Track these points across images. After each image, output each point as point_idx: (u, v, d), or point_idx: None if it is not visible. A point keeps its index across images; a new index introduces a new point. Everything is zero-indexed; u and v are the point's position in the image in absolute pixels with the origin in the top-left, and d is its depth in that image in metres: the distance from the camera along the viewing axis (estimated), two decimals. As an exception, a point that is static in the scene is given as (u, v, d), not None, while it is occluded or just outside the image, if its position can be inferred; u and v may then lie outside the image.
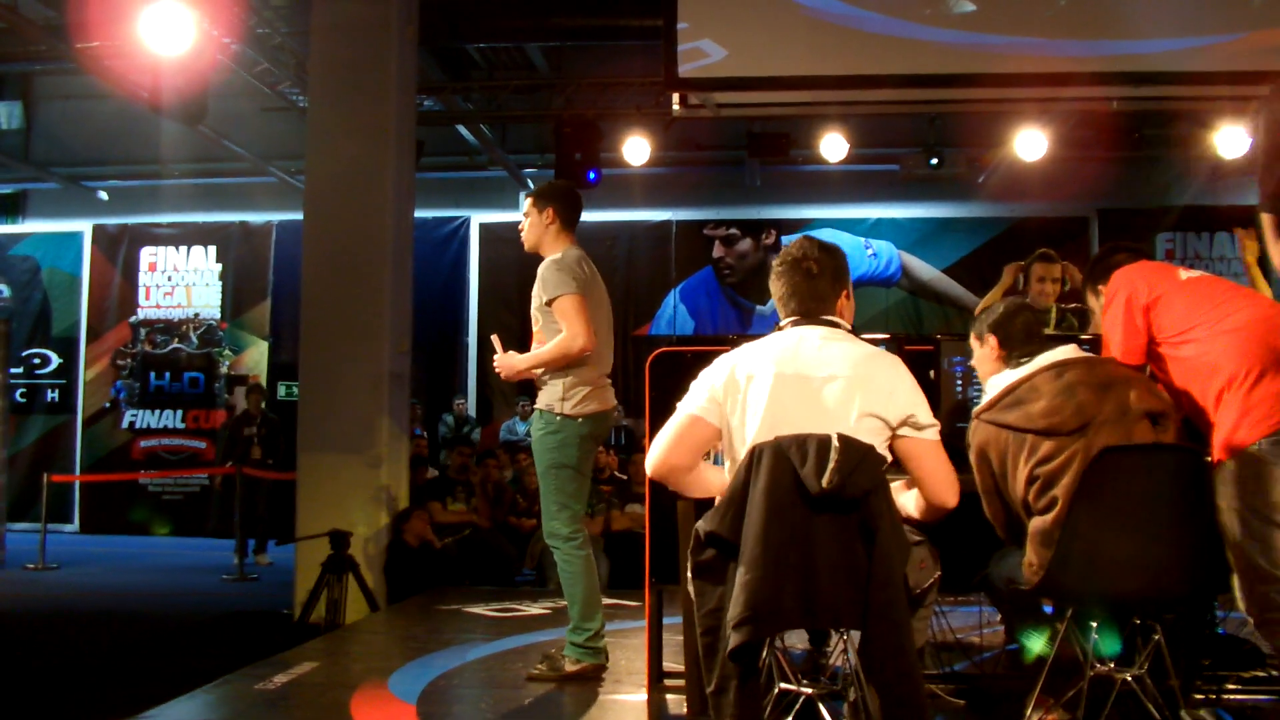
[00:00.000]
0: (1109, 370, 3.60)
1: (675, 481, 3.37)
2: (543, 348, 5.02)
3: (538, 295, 5.04)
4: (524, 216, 5.23)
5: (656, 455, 3.33)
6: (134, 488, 14.47)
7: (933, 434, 3.25)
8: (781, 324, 3.39)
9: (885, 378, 3.21)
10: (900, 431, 3.21)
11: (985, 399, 3.69)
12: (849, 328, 3.37)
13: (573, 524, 5.04)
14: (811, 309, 3.34)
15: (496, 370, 5.13)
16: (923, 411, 3.24)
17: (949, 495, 3.28)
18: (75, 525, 14.62)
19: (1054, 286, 6.29)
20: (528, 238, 5.20)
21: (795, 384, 3.18)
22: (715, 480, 3.36)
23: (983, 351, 3.85)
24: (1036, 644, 3.57)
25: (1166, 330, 3.70)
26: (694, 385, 3.34)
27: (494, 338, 5.18)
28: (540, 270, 5.05)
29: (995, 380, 3.70)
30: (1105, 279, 4.00)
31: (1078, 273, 6.18)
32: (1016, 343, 3.76)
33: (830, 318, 3.34)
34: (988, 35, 7.78)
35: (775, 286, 3.40)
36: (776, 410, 3.16)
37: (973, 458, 3.67)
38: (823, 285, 3.34)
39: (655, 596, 4.64)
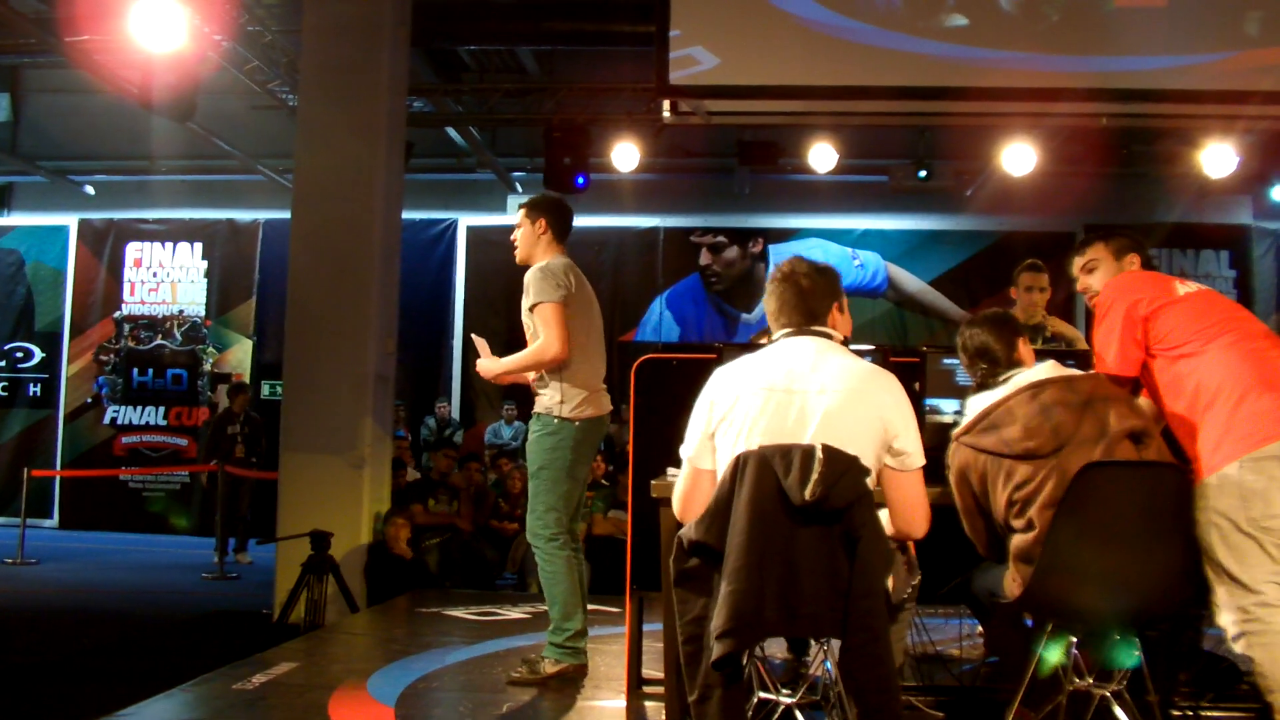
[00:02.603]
0: (1088, 388, 3.54)
1: None
2: (521, 354, 5.10)
3: (524, 302, 5.11)
4: (517, 228, 5.29)
5: (677, 507, 3.37)
6: (115, 484, 14.40)
7: (914, 462, 3.27)
8: (774, 336, 3.39)
9: (882, 397, 3.22)
10: (886, 458, 3.23)
11: (964, 421, 3.66)
12: (841, 339, 3.37)
13: (556, 526, 5.07)
14: (804, 322, 3.34)
15: (478, 370, 5.24)
16: (911, 439, 3.25)
17: (917, 527, 3.31)
18: (55, 521, 14.54)
19: (1042, 296, 6.30)
20: (520, 250, 5.27)
21: (786, 399, 3.17)
22: None
23: None
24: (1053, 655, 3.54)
25: (1160, 344, 3.68)
26: (690, 422, 3.34)
27: (477, 339, 5.27)
28: (526, 276, 5.12)
29: (974, 401, 3.68)
30: (1116, 247, 4.03)
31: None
32: (981, 363, 3.76)
33: (823, 329, 3.34)
34: (979, 49, 7.76)
35: (768, 303, 3.41)
36: (770, 425, 3.15)
37: (952, 479, 3.66)
38: (814, 300, 3.36)
39: (636, 603, 4.64)
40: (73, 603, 9.30)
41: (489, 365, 5.18)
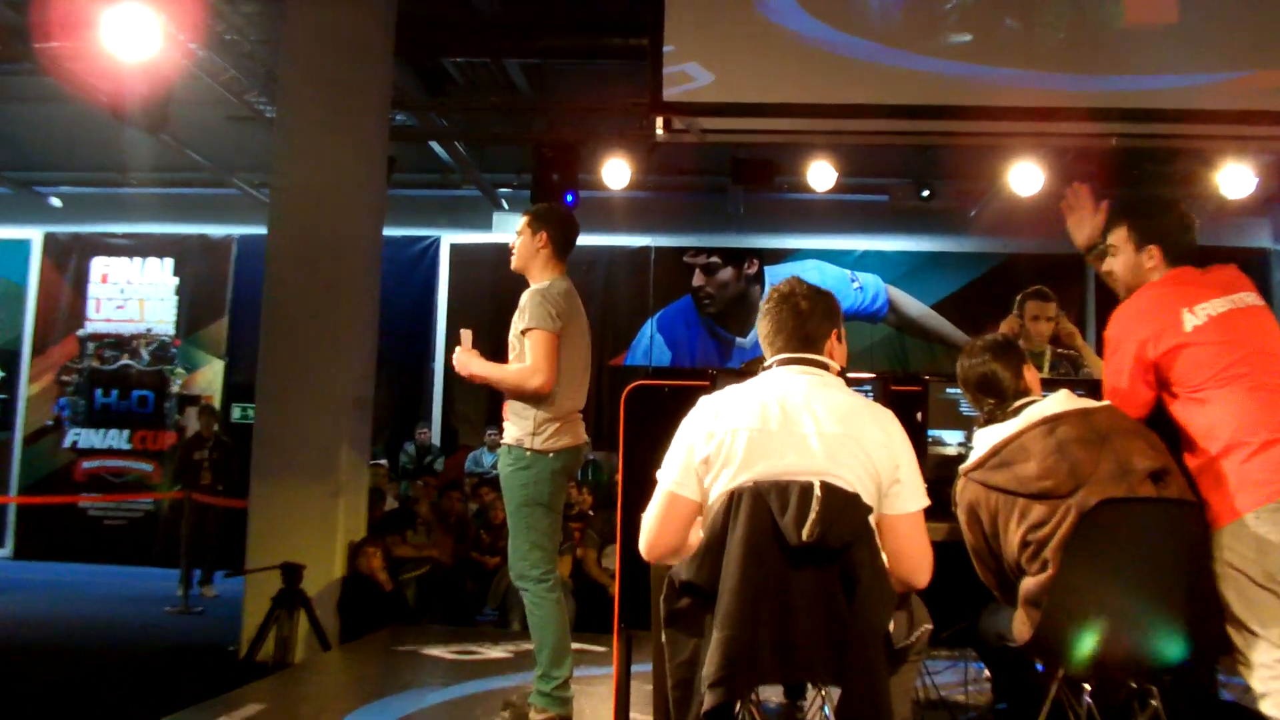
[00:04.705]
0: (1105, 422, 3.44)
1: (672, 559, 3.16)
2: (503, 367, 5.01)
3: (516, 322, 5.00)
4: (516, 235, 5.21)
5: (646, 539, 3.17)
6: (74, 511, 14.23)
7: (915, 504, 3.11)
8: (767, 364, 3.26)
9: (878, 435, 3.08)
10: (884, 501, 3.08)
11: (973, 455, 3.55)
12: (839, 370, 3.26)
13: (544, 564, 5.02)
14: (799, 348, 3.22)
15: (453, 360, 5.16)
16: (910, 479, 3.10)
17: (921, 575, 3.12)
18: (9, 550, 14.38)
19: (1048, 325, 6.21)
20: (517, 258, 5.19)
21: (778, 438, 3.03)
22: None
23: None
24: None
25: (1174, 386, 3.59)
26: (670, 449, 3.17)
27: (464, 331, 5.17)
28: (523, 297, 5.04)
29: (983, 435, 3.57)
30: (1139, 235, 3.88)
31: (1069, 324, 6.24)
32: (987, 397, 3.67)
33: (819, 358, 3.22)
34: (984, 67, 7.72)
35: (762, 325, 3.29)
36: (759, 466, 3.00)
37: (962, 517, 3.56)
38: (812, 324, 3.23)
39: (624, 643, 4.57)
40: (27, 637, 9.21)
41: (467, 361, 5.07)
